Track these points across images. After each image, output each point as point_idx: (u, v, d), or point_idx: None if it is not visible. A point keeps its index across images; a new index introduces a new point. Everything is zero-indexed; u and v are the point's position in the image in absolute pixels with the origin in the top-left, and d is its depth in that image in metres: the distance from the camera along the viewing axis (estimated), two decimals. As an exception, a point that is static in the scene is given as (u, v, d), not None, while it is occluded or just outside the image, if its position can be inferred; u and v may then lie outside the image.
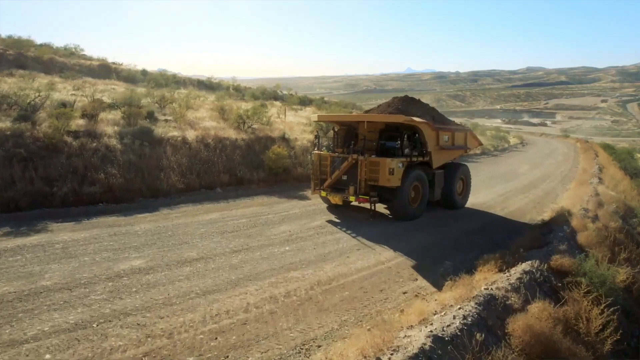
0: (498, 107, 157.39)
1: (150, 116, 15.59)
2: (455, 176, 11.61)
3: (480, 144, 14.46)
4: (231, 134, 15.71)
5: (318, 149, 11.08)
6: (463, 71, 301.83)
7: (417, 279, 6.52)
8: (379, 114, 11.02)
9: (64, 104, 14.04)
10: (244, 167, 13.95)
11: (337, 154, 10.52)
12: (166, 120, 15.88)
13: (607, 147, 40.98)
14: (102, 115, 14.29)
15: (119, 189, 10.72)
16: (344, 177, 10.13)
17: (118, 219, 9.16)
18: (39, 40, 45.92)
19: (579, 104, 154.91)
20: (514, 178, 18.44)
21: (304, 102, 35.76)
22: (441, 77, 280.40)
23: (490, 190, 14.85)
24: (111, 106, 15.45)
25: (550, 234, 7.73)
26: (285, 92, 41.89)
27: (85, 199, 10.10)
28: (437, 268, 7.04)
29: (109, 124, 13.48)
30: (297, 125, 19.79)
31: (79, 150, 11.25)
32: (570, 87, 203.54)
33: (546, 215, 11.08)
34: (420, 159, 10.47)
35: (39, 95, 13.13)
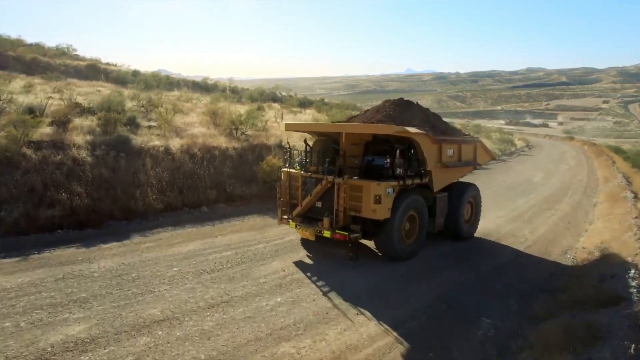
0: (499, 108, 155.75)
1: (132, 122, 13.98)
2: (462, 200, 9.23)
3: (493, 157, 11.99)
4: (222, 142, 14.11)
5: (289, 166, 8.75)
6: (463, 72, 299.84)
7: (450, 350, 4.91)
8: (365, 121, 8.56)
9: (31, 109, 12.42)
10: (234, 181, 12.34)
11: (309, 173, 8.11)
12: (149, 127, 14.28)
13: (619, 151, 39.37)
14: (78, 121, 12.69)
15: (85, 211, 9.12)
16: (318, 204, 7.87)
17: (77, 251, 7.56)
18: (31, 39, 44.29)
19: (581, 104, 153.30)
20: (532, 189, 16.85)
21: (304, 103, 34.14)
22: (441, 78, 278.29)
23: (512, 205, 13.23)
24: (87, 111, 13.84)
25: (612, 279, 6.13)
26: (284, 93, 40.30)
27: (41, 225, 8.50)
28: (472, 330, 5.44)
29: (82, 132, 11.86)
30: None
31: (39, 165, 9.66)
32: (571, 87, 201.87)
33: (585, 242, 9.49)
34: (417, 180, 8.03)
35: (-1, 100, 11.53)
